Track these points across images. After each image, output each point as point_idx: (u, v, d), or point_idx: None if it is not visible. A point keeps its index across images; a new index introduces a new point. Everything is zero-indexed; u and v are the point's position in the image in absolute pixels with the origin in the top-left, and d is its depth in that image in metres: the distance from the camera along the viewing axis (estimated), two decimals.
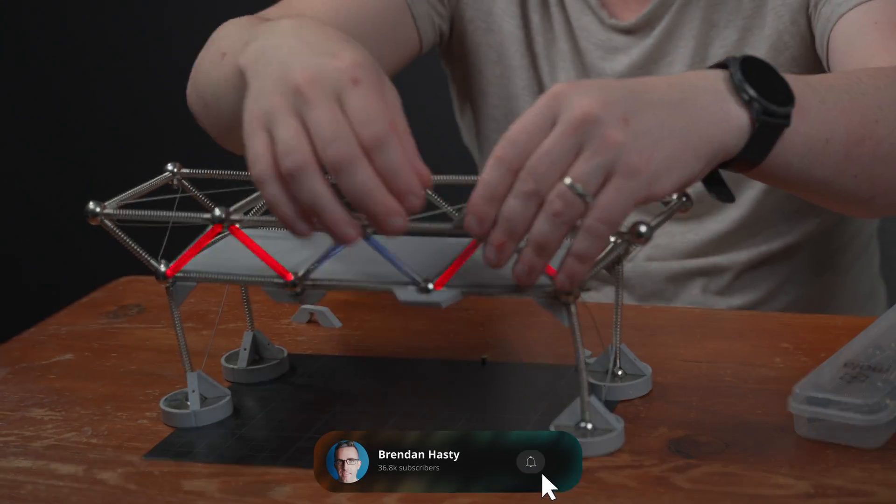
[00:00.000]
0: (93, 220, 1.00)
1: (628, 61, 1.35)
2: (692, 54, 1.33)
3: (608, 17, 1.34)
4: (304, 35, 0.93)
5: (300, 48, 0.91)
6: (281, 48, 0.92)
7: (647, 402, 1.00)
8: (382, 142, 0.87)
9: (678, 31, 1.33)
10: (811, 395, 0.92)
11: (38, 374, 1.13)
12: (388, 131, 0.87)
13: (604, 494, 0.88)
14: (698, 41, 1.33)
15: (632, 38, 1.34)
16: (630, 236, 0.93)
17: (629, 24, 1.34)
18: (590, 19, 1.35)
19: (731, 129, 0.91)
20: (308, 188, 0.87)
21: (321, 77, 0.88)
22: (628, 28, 1.34)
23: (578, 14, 1.36)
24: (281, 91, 0.89)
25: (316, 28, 0.95)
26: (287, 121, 0.88)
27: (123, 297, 1.29)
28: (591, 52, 1.36)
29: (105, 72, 2.70)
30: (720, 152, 0.91)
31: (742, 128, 0.91)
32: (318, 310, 1.17)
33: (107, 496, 0.93)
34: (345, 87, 0.88)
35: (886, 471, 0.88)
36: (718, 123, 0.90)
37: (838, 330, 1.10)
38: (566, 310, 0.91)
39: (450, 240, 1.01)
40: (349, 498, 0.90)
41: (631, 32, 1.34)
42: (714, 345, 1.09)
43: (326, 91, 0.88)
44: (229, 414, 1.02)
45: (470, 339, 1.14)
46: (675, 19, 1.33)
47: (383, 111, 0.88)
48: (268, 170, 0.88)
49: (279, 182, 0.87)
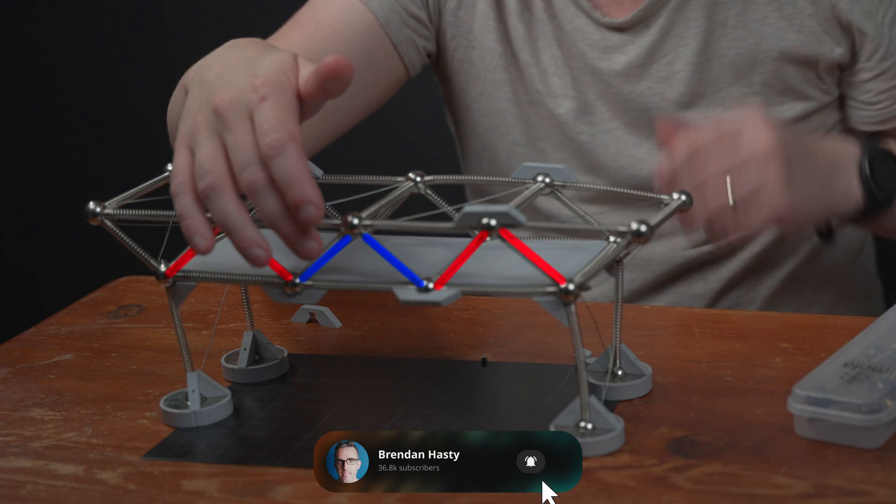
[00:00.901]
0: (93, 220, 1.00)
1: (625, 60, 1.34)
2: (696, 53, 1.33)
3: (602, 16, 1.34)
4: (232, 54, 0.98)
5: (227, 69, 0.96)
6: (211, 68, 0.97)
7: (647, 402, 1.00)
8: (277, 150, 0.89)
9: (676, 30, 1.33)
10: (811, 395, 0.92)
11: (38, 374, 1.13)
12: (283, 140, 0.90)
13: (604, 494, 0.88)
14: (702, 40, 1.33)
15: (628, 36, 1.34)
16: (630, 236, 0.93)
17: (623, 22, 1.33)
18: (583, 21, 1.35)
19: (849, 203, 1.18)
20: (220, 208, 0.91)
21: (237, 100, 0.92)
22: (623, 25, 1.34)
23: (571, 17, 1.35)
24: (205, 112, 0.94)
25: (246, 46, 0.99)
26: (206, 143, 0.93)
27: (123, 297, 1.29)
28: (587, 53, 1.35)
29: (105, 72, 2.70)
30: (834, 216, 1.22)
31: (857, 203, 1.18)
32: (318, 310, 1.17)
33: (107, 496, 0.93)
34: (255, 105, 0.92)
35: (886, 471, 0.88)
36: (843, 200, 1.18)
37: (838, 330, 1.10)
38: (566, 310, 0.91)
39: (450, 240, 1.01)
40: (349, 498, 0.90)
41: (625, 30, 1.34)
42: (714, 345, 1.09)
43: (242, 113, 0.92)
44: (229, 414, 1.02)
45: (470, 339, 1.14)
46: (672, 17, 1.33)
47: (280, 122, 0.90)
48: (183, 185, 0.93)
49: (192, 195, 0.92)
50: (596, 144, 1.37)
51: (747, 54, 1.33)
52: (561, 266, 0.92)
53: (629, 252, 0.97)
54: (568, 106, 1.37)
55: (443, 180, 1.07)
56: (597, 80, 1.36)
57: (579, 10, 1.35)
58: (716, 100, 1.34)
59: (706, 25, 1.33)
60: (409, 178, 1.05)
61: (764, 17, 1.32)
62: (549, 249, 0.98)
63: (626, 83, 1.35)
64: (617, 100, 1.36)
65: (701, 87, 1.34)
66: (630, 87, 1.35)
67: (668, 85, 1.34)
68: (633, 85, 1.35)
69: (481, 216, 0.90)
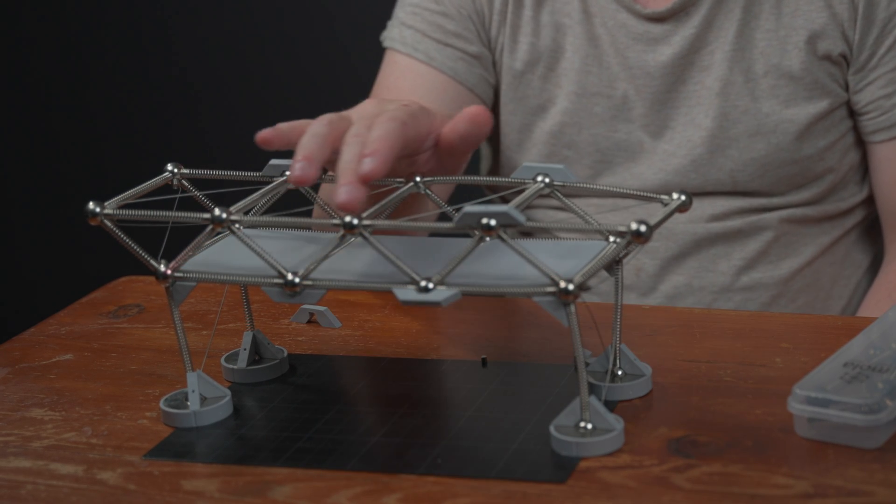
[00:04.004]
0: (93, 220, 1.00)
1: (671, 51, 1.39)
2: (733, 41, 1.37)
3: (642, 7, 1.38)
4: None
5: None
6: None
7: (647, 402, 1.00)
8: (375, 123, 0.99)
9: (717, 21, 1.38)
10: (811, 395, 0.92)
11: (38, 374, 1.13)
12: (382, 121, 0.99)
13: (604, 494, 0.88)
14: (738, 31, 1.37)
15: (670, 26, 1.38)
16: (630, 236, 0.93)
17: (664, 11, 1.38)
18: (625, 16, 1.39)
19: None
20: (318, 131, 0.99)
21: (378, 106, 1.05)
22: (664, 15, 1.38)
23: (613, 13, 1.39)
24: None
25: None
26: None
27: (123, 297, 1.29)
28: (630, 48, 1.39)
29: (105, 72, 2.70)
30: None
31: None
32: (318, 310, 1.18)
33: (107, 496, 0.93)
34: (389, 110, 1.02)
35: (886, 471, 0.88)
36: None
37: (838, 330, 1.10)
38: (566, 310, 0.91)
39: (450, 240, 1.01)
40: (349, 497, 0.90)
41: (666, 20, 1.38)
42: (714, 345, 1.09)
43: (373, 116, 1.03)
44: (229, 414, 1.02)
45: (470, 339, 1.14)
46: (714, 8, 1.37)
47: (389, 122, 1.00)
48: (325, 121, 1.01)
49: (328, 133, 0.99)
50: (632, 142, 1.40)
51: (777, 46, 1.36)
52: (561, 266, 0.92)
53: (629, 252, 0.97)
54: (604, 105, 1.40)
55: (443, 180, 1.07)
56: (634, 77, 1.40)
57: (620, 6, 1.39)
58: (745, 90, 1.38)
59: (742, 16, 1.37)
60: (409, 178, 1.05)
61: (795, 9, 1.36)
62: (549, 249, 0.98)
63: (670, 75, 1.39)
64: (655, 95, 1.39)
65: (733, 76, 1.38)
66: (673, 79, 1.39)
67: (709, 74, 1.39)
68: (677, 76, 1.39)
69: (481, 216, 0.90)
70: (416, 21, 1.45)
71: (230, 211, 0.97)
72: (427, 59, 1.43)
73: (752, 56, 1.37)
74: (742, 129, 1.38)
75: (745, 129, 1.38)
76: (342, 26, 2.51)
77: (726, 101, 1.38)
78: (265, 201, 1.05)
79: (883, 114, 1.37)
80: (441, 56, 1.43)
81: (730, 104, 1.38)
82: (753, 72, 1.38)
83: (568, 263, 0.94)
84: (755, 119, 1.38)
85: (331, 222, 0.95)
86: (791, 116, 1.37)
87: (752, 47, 1.37)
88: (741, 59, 1.38)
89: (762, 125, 1.38)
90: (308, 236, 1.04)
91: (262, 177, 1.07)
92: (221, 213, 0.97)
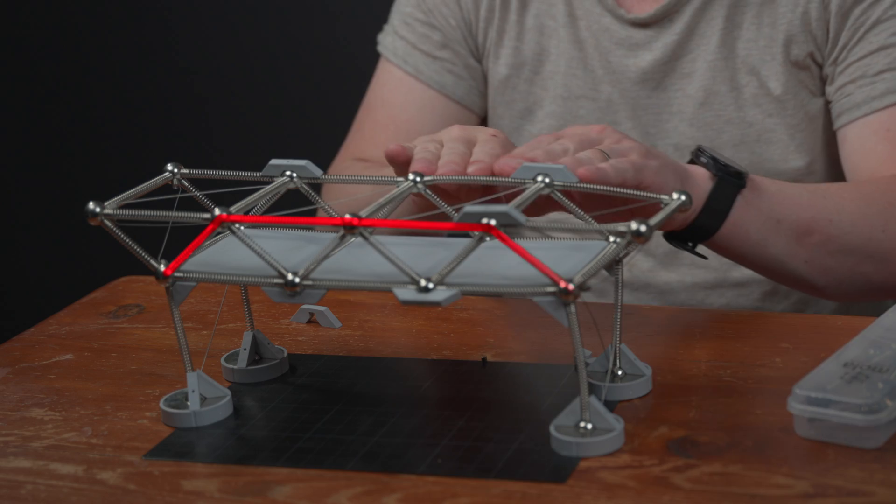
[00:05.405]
0: (93, 220, 1.00)
1: (651, 57, 1.38)
2: (715, 50, 1.37)
3: (626, 13, 1.38)
4: None
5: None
6: None
7: (647, 402, 1.00)
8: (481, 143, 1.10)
9: (700, 29, 1.37)
10: (811, 395, 0.92)
11: (38, 374, 1.13)
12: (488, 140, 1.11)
13: (604, 494, 0.88)
14: (720, 40, 1.37)
15: (652, 32, 1.38)
16: (630, 236, 0.93)
17: (647, 17, 1.37)
18: (609, 20, 1.39)
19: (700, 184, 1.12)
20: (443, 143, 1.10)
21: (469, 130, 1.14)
22: (647, 21, 1.38)
23: (598, 17, 1.40)
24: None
25: None
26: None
27: (123, 297, 1.29)
28: (612, 52, 1.39)
29: (105, 72, 2.70)
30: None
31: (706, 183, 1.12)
32: (318, 310, 1.17)
33: (107, 496, 0.93)
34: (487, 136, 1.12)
35: (886, 471, 0.88)
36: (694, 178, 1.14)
37: (838, 330, 1.10)
38: (566, 310, 0.91)
39: (450, 240, 1.01)
40: (349, 497, 0.90)
41: (649, 25, 1.38)
42: (714, 345, 1.09)
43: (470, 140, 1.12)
44: (229, 414, 1.02)
45: (470, 339, 1.14)
46: (697, 16, 1.37)
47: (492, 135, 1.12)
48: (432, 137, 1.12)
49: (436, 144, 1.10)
50: None
51: (757, 56, 1.36)
52: (561, 266, 0.92)
53: (629, 252, 0.97)
54: (588, 107, 1.40)
55: (442, 180, 1.07)
56: (617, 81, 1.39)
57: (604, 10, 1.39)
58: (730, 98, 1.37)
59: (724, 25, 1.37)
60: (409, 178, 1.05)
61: (774, 20, 1.35)
62: (548, 249, 0.98)
63: (650, 81, 1.39)
64: (636, 101, 1.38)
65: (716, 85, 1.38)
66: (653, 85, 1.39)
67: (690, 82, 1.38)
68: (657, 82, 1.39)
69: (481, 216, 0.90)
70: (407, 32, 1.47)
71: (230, 211, 0.97)
72: (416, 73, 1.46)
73: (735, 65, 1.37)
74: (727, 139, 1.38)
75: (730, 139, 1.38)
76: (344, 26, 2.51)
77: (709, 111, 1.38)
78: (265, 201, 1.05)
79: (846, 96, 1.35)
80: (429, 70, 1.46)
81: (713, 113, 1.38)
82: (737, 81, 1.37)
83: (568, 264, 0.94)
84: (739, 129, 1.38)
85: (331, 222, 0.95)
86: (773, 126, 1.37)
87: (735, 56, 1.37)
88: (724, 69, 1.37)
89: (746, 135, 1.38)
90: (308, 236, 1.04)
91: (262, 177, 1.07)
92: (221, 212, 0.97)
